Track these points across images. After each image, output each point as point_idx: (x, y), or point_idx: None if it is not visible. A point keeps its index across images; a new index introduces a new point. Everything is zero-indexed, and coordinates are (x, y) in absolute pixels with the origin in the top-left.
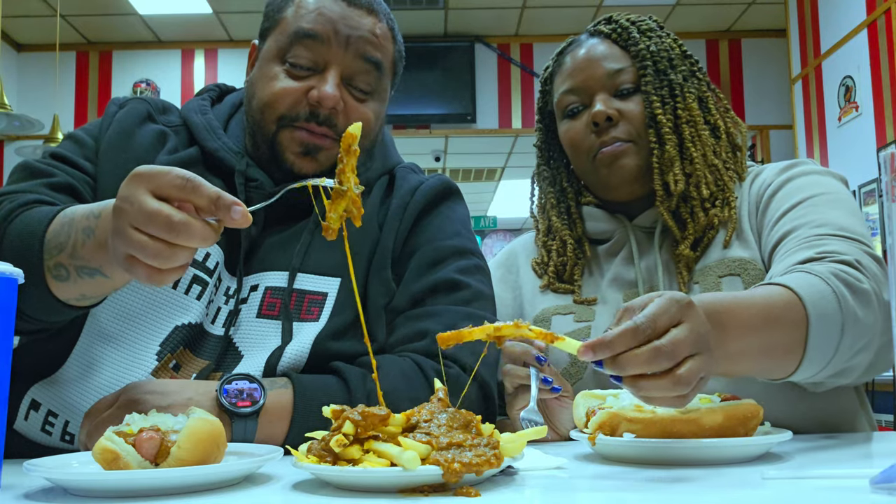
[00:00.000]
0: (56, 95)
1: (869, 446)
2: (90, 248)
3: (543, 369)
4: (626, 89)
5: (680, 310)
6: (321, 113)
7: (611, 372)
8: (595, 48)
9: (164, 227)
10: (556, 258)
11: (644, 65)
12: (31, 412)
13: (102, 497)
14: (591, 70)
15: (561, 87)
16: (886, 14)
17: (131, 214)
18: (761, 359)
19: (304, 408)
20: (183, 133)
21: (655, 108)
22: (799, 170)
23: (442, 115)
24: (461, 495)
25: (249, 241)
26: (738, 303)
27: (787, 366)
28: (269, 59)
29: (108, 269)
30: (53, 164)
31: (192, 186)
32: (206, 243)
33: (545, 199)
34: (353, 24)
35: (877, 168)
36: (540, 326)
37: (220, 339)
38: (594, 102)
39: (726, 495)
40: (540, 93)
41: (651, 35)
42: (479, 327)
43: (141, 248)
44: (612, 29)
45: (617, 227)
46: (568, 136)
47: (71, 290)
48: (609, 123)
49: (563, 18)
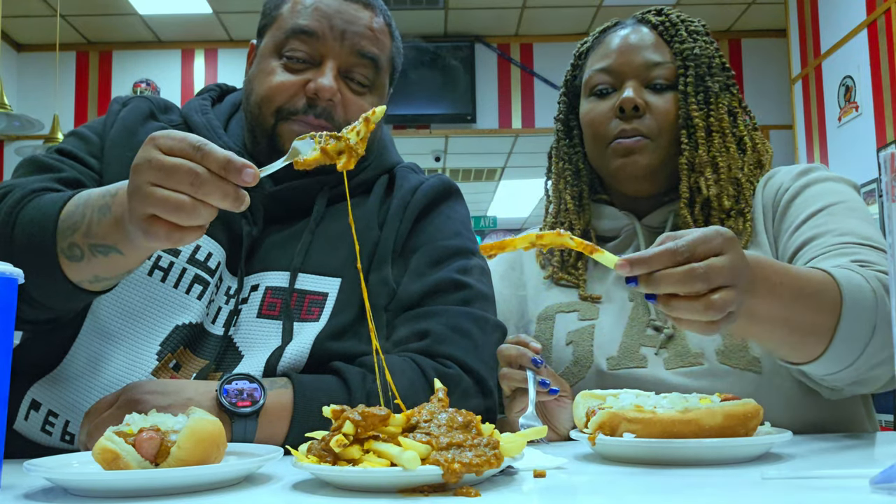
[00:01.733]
0: (56, 95)
1: (869, 446)
2: (106, 224)
3: (540, 371)
4: (660, 84)
5: (722, 242)
6: (319, 105)
7: (645, 290)
8: (639, 35)
9: (188, 179)
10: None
11: (686, 65)
12: (32, 412)
13: (102, 497)
14: (629, 55)
15: (595, 65)
16: (886, 14)
17: (150, 172)
18: (786, 330)
19: (304, 408)
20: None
21: (692, 110)
22: (816, 175)
23: (442, 115)
24: (461, 495)
25: (251, 241)
26: (777, 266)
27: (811, 349)
28: (267, 55)
29: (123, 246)
30: (60, 159)
31: (203, 152)
32: (226, 201)
33: (560, 177)
34: (349, 19)
35: (877, 168)
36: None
37: (220, 338)
38: (624, 88)
39: (726, 495)
40: (571, 65)
41: (697, 38)
42: (521, 236)
43: (163, 203)
44: (660, 21)
45: (625, 225)
46: (589, 116)
47: (84, 271)
48: (635, 113)
49: (563, 18)
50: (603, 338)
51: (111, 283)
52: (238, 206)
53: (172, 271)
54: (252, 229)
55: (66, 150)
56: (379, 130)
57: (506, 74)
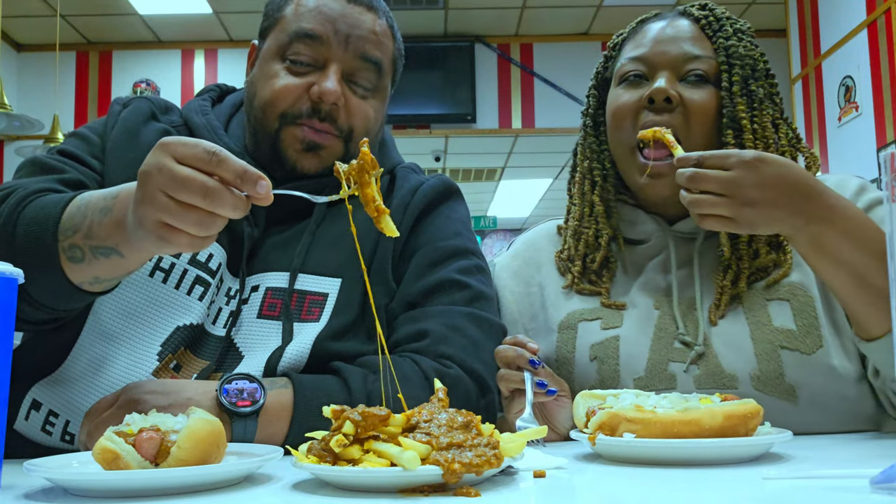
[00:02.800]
0: (56, 95)
1: (869, 446)
2: (107, 226)
3: (538, 372)
4: (697, 77)
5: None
6: (323, 109)
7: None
8: (679, 26)
9: (200, 193)
10: (585, 249)
11: (731, 63)
12: (32, 412)
13: (102, 497)
14: (666, 45)
15: (629, 53)
16: (886, 14)
17: (161, 181)
18: (854, 278)
19: (304, 408)
20: (184, 133)
21: (739, 110)
22: (874, 197)
23: (442, 115)
24: (461, 495)
25: (252, 242)
26: (855, 212)
27: (878, 317)
28: (270, 58)
29: (124, 248)
30: (62, 160)
31: (219, 159)
32: (237, 213)
33: (586, 177)
34: (353, 23)
35: (877, 168)
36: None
37: (220, 339)
38: (657, 78)
39: (726, 495)
40: (604, 57)
41: (742, 37)
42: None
43: (176, 212)
44: (703, 15)
45: (654, 231)
46: (615, 104)
47: (85, 273)
48: (667, 105)
49: (563, 18)
50: (629, 353)
51: (111, 285)
52: (242, 214)
53: (173, 273)
54: (253, 231)
55: (67, 150)
56: (381, 132)
57: (506, 74)
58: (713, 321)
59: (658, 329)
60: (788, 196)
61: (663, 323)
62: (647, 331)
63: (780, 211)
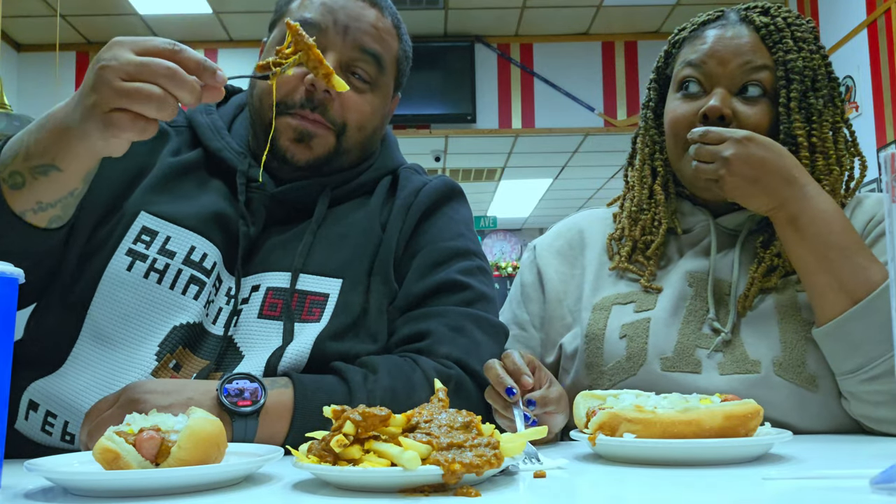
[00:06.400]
0: (56, 95)
1: (869, 446)
2: (44, 140)
3: (515, 400)
4: (754, 92)
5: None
6: (315, 98)
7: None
8: (739, 36)
9: (162, 70)
10: (640, 235)
11: (790, 78)
12: (31, 412)
13: (102, 497)
14: (724, 56)
15: (688, 57)
16: (886, 14)
17: (119, 69)
18: (818, 260)
19: (304, 407)
20: (185, 133)
21: (796, 127)
22: None
23: (442, 115)
24: (461, 495)
25: (248, 242)
26: (829, 205)
27: (831, 300)
28: (270, 49)
29: (62, 159)
30: None
31: (179, 48)
32: (192, 96)
33: (647, 166)
34: (354, 15)
35: (877, 168)
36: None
37: (220, 338)
38: (713, 94)
39: (726, 495)
40: (664, 52)
41: (803, 46)
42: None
43: (135, 93)
44: (765, 23)
45: (699, 222)
46: (672, 115)
47: (26, 198)
48: (720, 122)
49: (563, 18)
50: (658, 333)
51: (57, 214)
52: (196, 103)
53: (168, 273)
54: (249, 230)
55: None
56: (381, 129)
57: (506, 74)
58: (741, 311)
59: (689, 313)
60: (768, 177)
61: (694, 306)
62: (679, 315)
63: (757, 188)
